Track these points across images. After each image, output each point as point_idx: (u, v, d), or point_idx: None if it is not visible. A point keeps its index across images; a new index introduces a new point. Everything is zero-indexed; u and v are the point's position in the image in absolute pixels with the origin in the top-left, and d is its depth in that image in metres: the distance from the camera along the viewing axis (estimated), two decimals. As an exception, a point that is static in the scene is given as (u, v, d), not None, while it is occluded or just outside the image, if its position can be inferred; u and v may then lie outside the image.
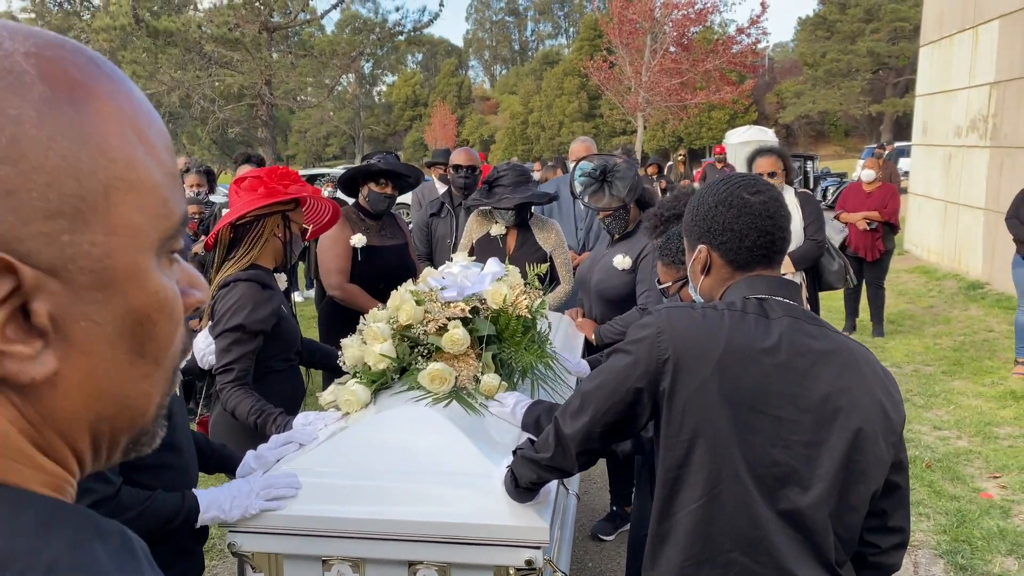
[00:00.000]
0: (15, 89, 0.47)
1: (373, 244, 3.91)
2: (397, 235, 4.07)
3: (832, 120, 48.57)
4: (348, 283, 3.87)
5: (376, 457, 2.00)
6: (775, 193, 1.58)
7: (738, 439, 1.43)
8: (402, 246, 4.07)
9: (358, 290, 3.86)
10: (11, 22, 0.51)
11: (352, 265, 3.87)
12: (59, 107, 0.49)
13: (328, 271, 3.87)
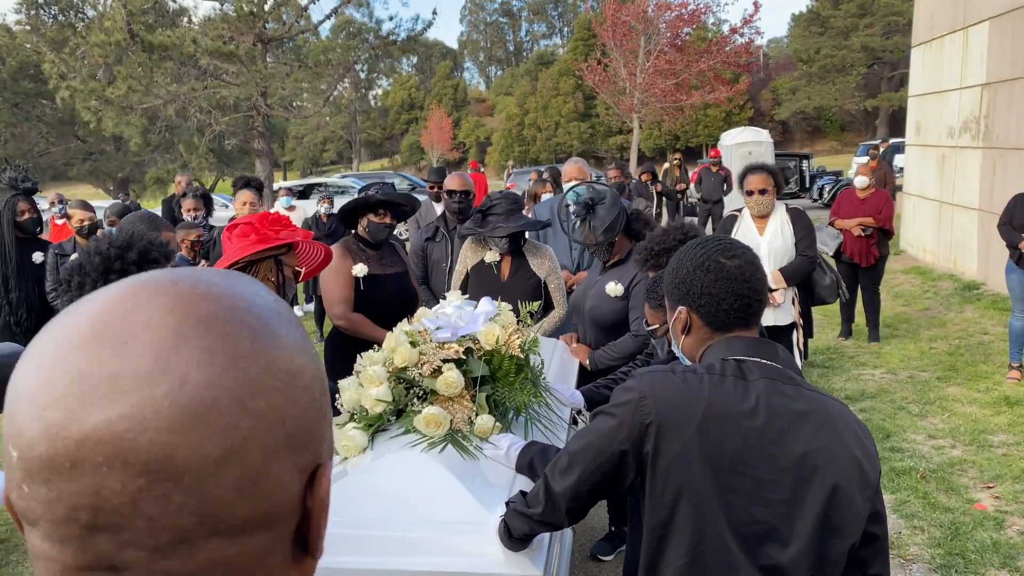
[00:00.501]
0: (288, 323, 0.58)
1: (375, 273, 3.96)
2: (397, 263, 4.13)
3: (828, 115, 48.63)
4: (352, 312, 3.92)
5: (374, 506, 2.05)
6: (751, 257, 1.64)
7: (719, 499, 1.49)
8: (403, 274, 4.12)
9: (363, 319, 3.92)
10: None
11: (356, 295, 3.93)
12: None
13: (332, 302, 3.92)
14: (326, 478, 0.58)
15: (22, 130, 29.55)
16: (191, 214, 6.08)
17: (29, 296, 5.12)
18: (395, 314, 4.02)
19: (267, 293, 0.58)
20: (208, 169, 33.12)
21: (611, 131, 51.49)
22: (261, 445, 0.52)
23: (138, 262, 1.85)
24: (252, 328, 0.54)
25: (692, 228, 2.86)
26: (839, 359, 7.28)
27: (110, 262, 1.83)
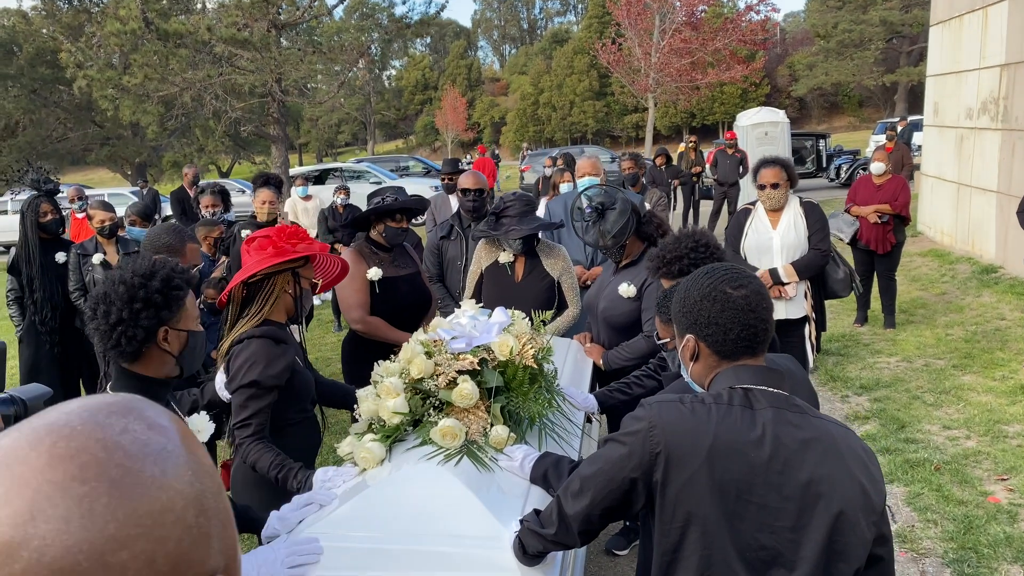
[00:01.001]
0: (174, 460, 0.63)
1: (389, 276, 4.01)
2: (409, 264, 4.18)
3: (845, 91, 48.09)
4: (369, 316, 3.98)
5: (391, 521, 2.11)
6: (757, 286, 1.67)
7: (727, 526, 1.54)
8: (415, 274, 4.18)
9: (380, 322, 3.98)
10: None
11: (371, 298, 3.98)
12: (188, 455, 0.66)
13: (349, 307, 3.98)
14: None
15: (40, 116, 29.76)
16: (209, 210, 6.15)
17: (53, 296, 5.22)
18: (411, 314, 4.09)
19: (139, 424, 0.61)
20: (224, 153, 33.31)
21: (626, 110, 51.21)
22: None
23: (161, 290, 1.92)
24: (111, 480, 0.57)
25: (704, 236, 2.88)
26: (854, 346, 7.29)
27: (134, 291, 1.89)
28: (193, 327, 2.04)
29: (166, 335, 1.96)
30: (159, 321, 1.93)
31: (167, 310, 1.94)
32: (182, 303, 1.99)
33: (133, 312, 1.89)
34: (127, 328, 1.90)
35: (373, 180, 22.19)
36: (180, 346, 2.00)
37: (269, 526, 2.23)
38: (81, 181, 33.72)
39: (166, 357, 1.98)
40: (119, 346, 1.91)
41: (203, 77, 16.53)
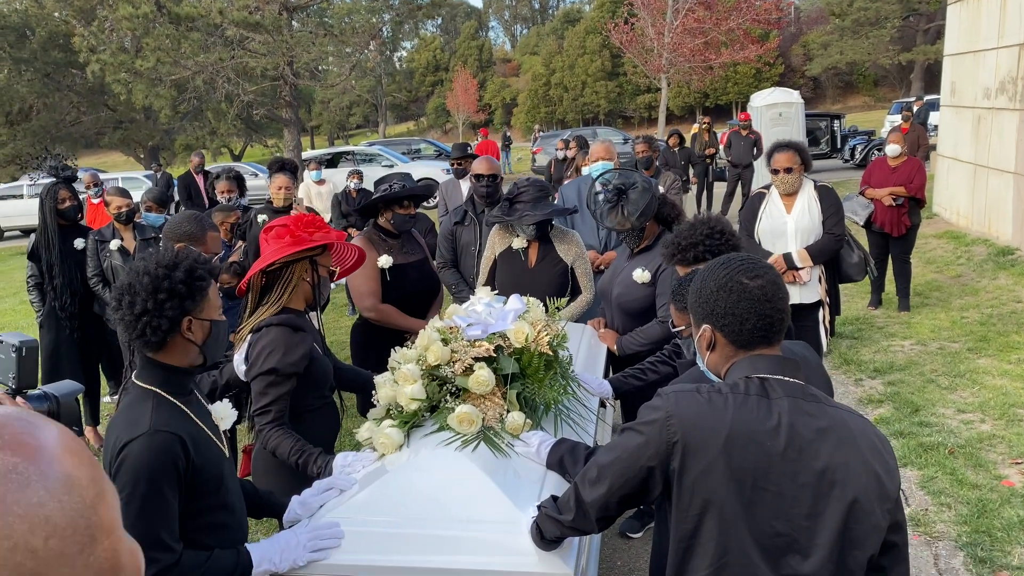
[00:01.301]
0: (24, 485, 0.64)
1: (399, 263, 4.04)
2: (417, 250, 4.21)
3: (861, 71, 47.57)
4: (382, 304, 4.01)
5: (411, 505, 2.15)
6: (773, 276, 1.68)
7: (743, 513, 1.56)
8: (423, 260, 4.21)
9: (393, 310, 4.01)
10: None
11: (383, 286, 4.01)
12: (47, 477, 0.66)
13: (360, 295, 4.01)
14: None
15: (53, 100, 29.85)
16: (225, 196, 6.18)
17: (72, 282, 5.28)
18: (419, 301, 4.12)
19: (17, 444, 0.63)
20: (236, 136, 33.36)
21: (639, 90, 50.89)
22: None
23: (185, 281, 1.95)
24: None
25: (719, 222, 2.89)
26: (868, 329, 7.27)
27: (159, 282, 1.93)
28: (216, 316, 2.06)
29: (190, 325, 1.99)
30: (183, 311, 1.96)
31: (191, 300, 1.97)
32: (205, 293, 2.01)
33: (157, 303, 1.92)
34: (152, 318, 1.92)
35: (385, 163, 22.20)
36: (204, 335, 2.03)
37: (291, 511, 2.27)
38: (94, 165, 33.87)
39: (190, 347, 2.01)
40: (144, 336, 1.94)
41: (215, 60, 16.55)
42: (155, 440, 1.88)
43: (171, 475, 1.89)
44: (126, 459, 1.88)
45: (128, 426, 1.92)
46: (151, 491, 1.86)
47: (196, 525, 1.97)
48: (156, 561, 1.84)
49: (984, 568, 3.66)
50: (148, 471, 1.86)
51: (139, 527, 1.85)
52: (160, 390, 1.99)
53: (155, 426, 1.90)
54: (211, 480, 2.01)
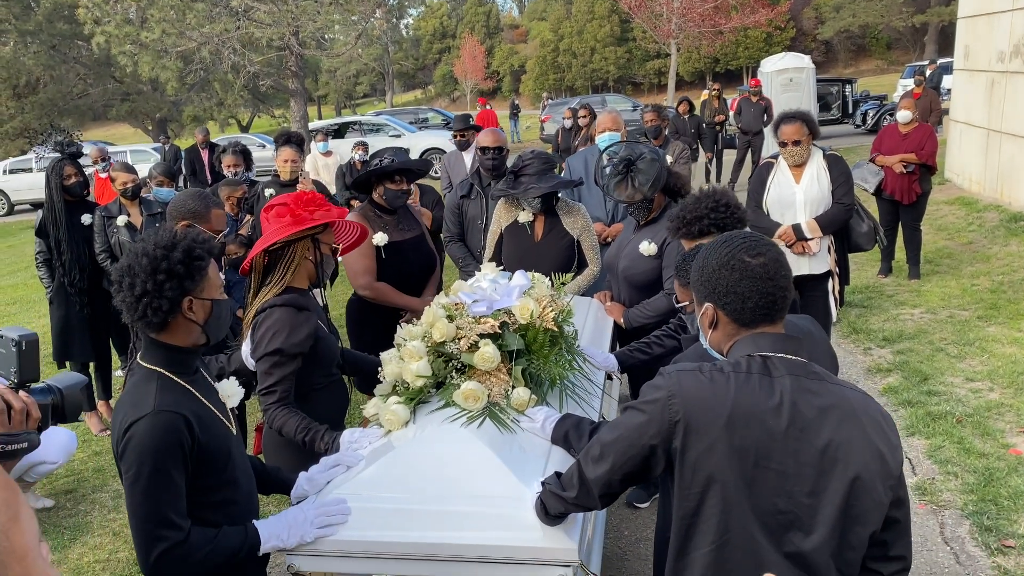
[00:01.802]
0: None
1: (395, 240, 4.01)
2: (413, 226, 4.18)
3: (873, 33, 46.87)
4: (377, 282, 3.99)
5: (417, 482, 2.17)
6: (775, 254, 1.67)
7: (745, 491, 1.57)
8: (419, 237, 4.18)
9: (388, 288, 3.99)
10: None
11: (378, 264, 3.98)
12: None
13: (355, 273, 3.98)
14: None
15: (60, 72, 29.74)
16: (231, 170, 6.17)
17: (80, 257, 5.30)
18: (417, 278, 4.11)
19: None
20: (244, 107, 33.21)
21: (648, 56, 50.36)
22: None
23: (183, 261, 1.95)
24: None
25: (724, 195, 2.87)
26: (878, 298, 7.25)
27: (157, 262, 1.93)
28: (217, 295, 2.06)
29: (191, 305, 1.99)
30: (183, 291, 1.96)
31: (190, 280, 1.97)
32: (204, 272, 2.01)
33: (157, 283, 1.93)
34: (152, 299, 1.93)
35: (392, 133, 22.10)
36: (205, 315, 2.03)
37: (298, 487, 2.30)
38: (102, 137, 33.88)
39: (192, 326, 2.02)
40: (145, 317, 1.95)
41: (220, 31, 16.43)
42: (159, 420, 1.90)
43: (176, 454, 1.91)
44: (131, 440, 1.90)
45: (133, 407, 1.94)
46: (156, 471, 1.88)
47: (203, 502, 2.00)
48: (164, 539, 1.87)
49: (990, 536, 3.67)
50: (153, 451, 1.88)
51: (146, 506, 1.88)
52: (164, 370, 2.01)
53: (159, 406, 1.92)
54: (218, 458, 2.03)
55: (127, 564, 3.97)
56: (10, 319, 9.55)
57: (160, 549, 1.88)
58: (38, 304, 9.75)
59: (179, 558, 1.90)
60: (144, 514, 1.89)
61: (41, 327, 8.38)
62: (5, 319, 9.59)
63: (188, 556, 1.91)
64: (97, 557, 4.09)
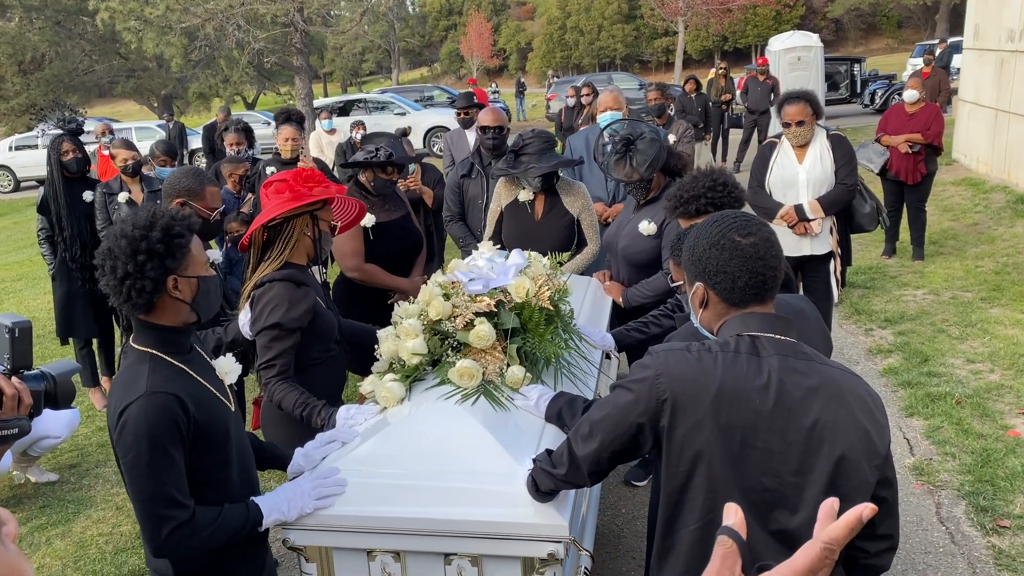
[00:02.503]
0: None
1: (381, 220, 4.01)
2: (399, 206, 4.17)
3: (884, 11, 46.36)
4: (366, 263, 3.98)
5: (411, 458, 2.18)
6: (766, 233, 1.67)
7: (731, 469, 1.58)
8: (405, 216, 4.17)
9: (376, 269, 3.99)
10: None
11: (365, 244, 3.98)
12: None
13: (344, 254, 3.97)
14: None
15: (66, 48, 29.63)
16: (234, 148, 6.17)
17: (82, 233, 5.31)
18: (404, 257, 4.12)
19: None
20: (249, 84, 33.09)
21: (656, 33, 49.92)
22: None
23: (163, 240, 1.92)
24: None
25: (721, 175, 2.86)
26: (881, 279, 7.23)
27: (136, 243, 1.91)
28: (203, 272, 2.04)
29: (176, 284, 1.97)
30: (165, 270, 1.94)
31: (171, 258, 1.94)
32: (186, 250, 1.98)
33: (138, 264, 1.90)
34: (135, 281, 1.91)
35: (397, 111, 22.02)
36: (192, 293, 2.01)
37: (294, 463, 2.32)
38: (108, 114, 33.80)
39: (180, 305, 2.00)
40: (131, 299, 1.93)
41: (225, 7, 16.36)
42: (152, 401, 1.89)
43: (173, 434, 1.91)
44: (126, 423, 1.89)
45: (125, 390, 1.94)
46: (155, 451, 1.88)
47: (203, 481, 2.01)
48: (171, 519, 1.89)
49: (985, 517, 3.69)
50: (148, 432, 1.88)
51: (148, 488, 1.89)
52: (157, 351, 2.00)
53: (151, 387, 1.91)
54: (215, 437, 2.03)
55: (129, 537, 4.02)
56: (15, 295, 9.60)
57: (168, 528, 1.89)
58: (43, 281, 9.78)
59: (186, 536, 1.92)
60: (148, 496, 1.89)
61: (45, 304, 8.43)
62: (10, 295, 9.64)
63: (195, 534, 1.93)
64: (100, 531, 4.14)
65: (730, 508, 0.85)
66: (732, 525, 0.83)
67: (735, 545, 0.81)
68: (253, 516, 2.05)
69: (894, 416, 4.69)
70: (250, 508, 2.06)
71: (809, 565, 0.78)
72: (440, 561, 2.12)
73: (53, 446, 4.47)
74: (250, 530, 2.05)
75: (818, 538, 0.79)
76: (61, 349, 6.36)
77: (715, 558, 0.81)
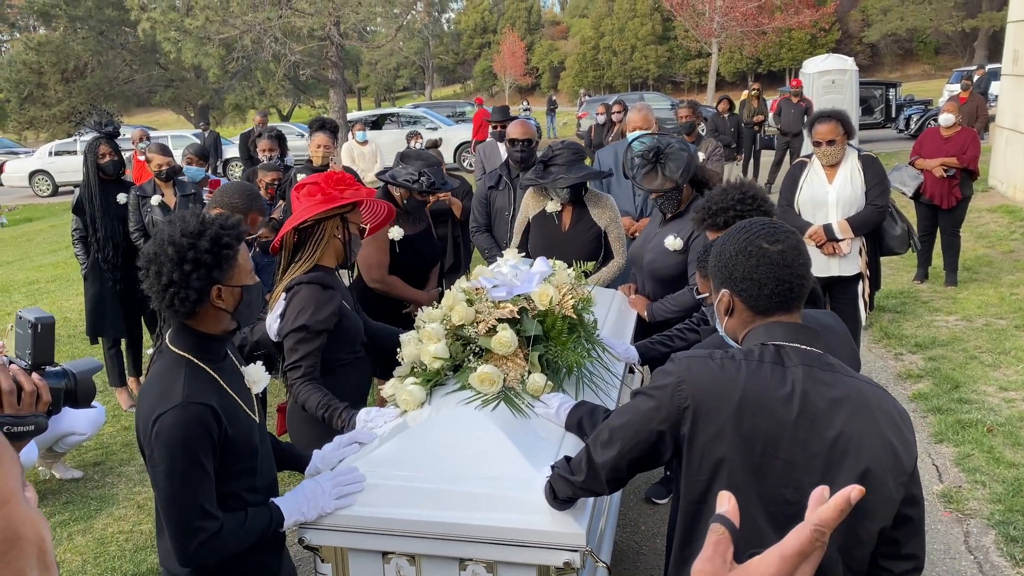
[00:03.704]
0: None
1: (408, 234, 4.04)
2: (421, 219, 4.22)
3: (921, 37, 45.97)
4: (389, 275, 4.01)
5: (430, 461, 2.17)
6: (794, 241, 1.65)
7: (752, 479, 1.55)
8: (426, 230, 4.23)
9: (399, 281, 4.02)
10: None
11: (391, 257, 4.01)
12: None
13: (369, 266, 3.99)
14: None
15: (107, 58, 30.31)
16: (267, 154, 6.25)
17: (115, 235, 5.39)
18: (423, 270, 4.18)
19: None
20: (285, 96, 33.56)
21: (690, 55, 49.91)
22: None
23: (211, 250, 1.90)
24: None
25: (751, 187, 2.83)
26: (912, 303, 7.12)
27: (184, 252, 1.89)
28: (247, 281, 2.01)
29: (220, 293, 1.95)
30: (211, 281, 1.92)
31: (218, 269, 1.92)
32: (234, 260, 1.95)
33: (184, 274, 1.88)
34: (179, 290, 1.89)
35: (429, 125, 22.18)
36: (235, 302, 1.99)
37: (312, 466, 2.32)
38: (146, 123, 34.41)
39: (221, 314, 1.98)
40: (173, 306, 1.91)
41: (262, 20, 16.62)
42: (188, 412, 1.87)
43: (206, 445, 1.89)
44: (161, 432, 1.87)
45: (161, 397, 1.91)
46: (189, 463, 1.87)
47: (228, 491, 2.00)
48: (203, 530, 1.88)
49: (1016, 547, 3.60)
50: (184, 443, 1.86)
51: (181, 499, 1.87)
52: (193, 356, 1.97)
53: (188, 398, 1.88)
54: (242, 449, 2.01)
55: (150, 536, 4.04)
56: (49, 296, 9.76)
57: (199, 540, 1.88)
58: (76, 282, 9.93)
59: (216, 548, 1.91)
60: (180, 507, 1.88)
61: (78, 304, 8.54)
62: (45, 295, 9.80)
63: (224, 545, 1.92)
64: (121, 528, 4.17)
65: (723, 496, 0.84)
66: (725, 513, 0.82)
67: (727, 532, 0.80)
68: (276, 518, 2.05)
69: (923, 442, 4.60)
70: (272, 511, 2.05)
71: (799, 548, 0.77)
72: (455, 566, 2.10)
73: (78, 443, 4.52)
74: (273, 532, 2.05)
75: (808, 520, 0.79)
76: (91, 348, 6.44)
77: (707, 544, 0.80)
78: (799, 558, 0.77)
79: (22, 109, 30.41)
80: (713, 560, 0.79)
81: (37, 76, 29.51)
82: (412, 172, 4.01)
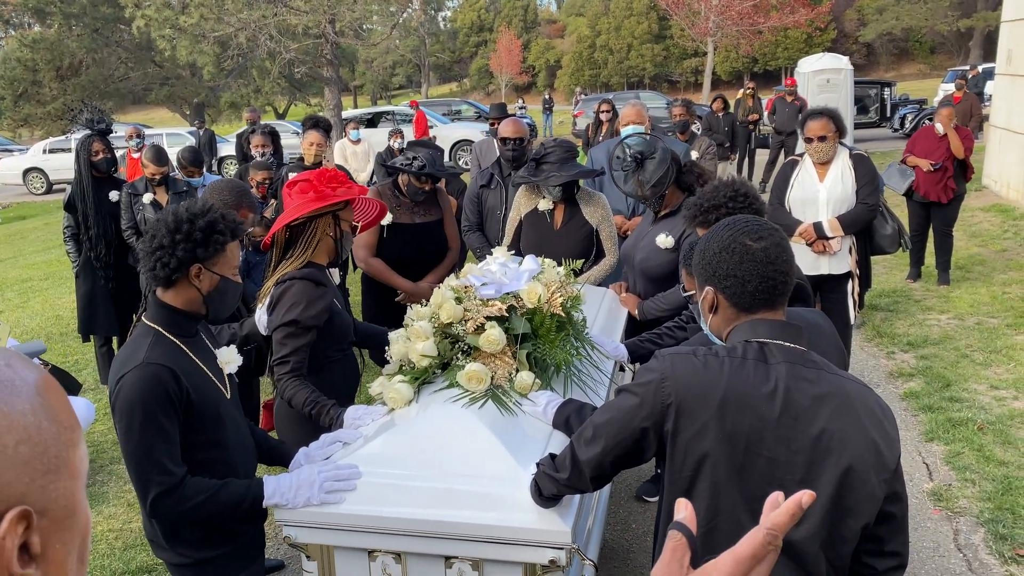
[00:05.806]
0: (15, 393, 0.67)
1: (402, 222, 4.15)
2: (431, 213, 4.29)
3: (917, 37, 46.06)
4: (372, 258, 4.17)
5: (417, 459, 2.17)
6: (777, 238, 1.65)
7: (735, 477, 1.55)
8: (433, 224, 4.28)
9: (381, 265, 4.19)
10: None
11: (379, 241, 4.16)
12: (37, 397, 0.68)
13: (357, 246, 4.16)
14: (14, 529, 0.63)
15: (102, 55, 30.20)
16: (259, 151, 6.23)
17: (107, 232, 5.38)
18: (417, 262, 4.26)
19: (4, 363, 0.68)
20: (280, 94, 33.50)
21: (685, 54, 49.99)
22: None
23: (204, 229, 2.06)
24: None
25: (743, 185, 2.83)
26: (904, 302, 7.13)
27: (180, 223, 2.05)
28: (229, 274, 2.14)
29: (199, 272, 2.08)
30: (194, 257, 2.06)
31: (203, 248, 2.06)
32: (222, 248, 2.10)
33: (173, 241, 2.03)
34: (164, 255, 2.04)
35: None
36: (210, 287, 2.12)
37: (295, 462, 2.32)
38: (141, 120, 34.37)
39: (194, 293, 2.11)
40: (154, 269, 2.06)
41: (258, 17, 16.59)
42: (146, 371, 2.00)
43: (164, 402, 2.00)
44: (121, 390, 2.00)
45: (125, 360, 2.05)
46: (147, 418, 1.98)
47: (193, 459, 2.09)
48: (157, 483, 1.98)
49: (1004, 545, 3.61)
50: (141, 400, 1.98)
51: (139, 453, 1.98)
52: (162, 328, 2.10)
53: (147, 359, 2.02)
54: (206, 416, 2.11)
55: (140, 535, 4.04)
56: (41, 294, 9.73)
57: (155, 492, 1.99)
58: (69, 280, 9.88)
59: (174, 501, 2.00)
60: (138, 460, 1.99)
61: (70, 303, 8.52)
62: (37, 293, 9.78)
63: (183, 500, 2.01)
64: (111, 526, 4.16)
65: (680, 503, 0.86)
66: (683, 520, 0.84)
67: (684, 539, 0.82)
68: (254, 491, 2.11)
69: (913, 440, 4.61)
70: (253, 484, 2.12)
71: (752, 552, 0.78)
72: (441, 564, 2.11)
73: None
74: (250, 505, 2.08)
75: (762, 524, 0.80)
76: (83, 346, 6.43)
77: (665, 551, 0.82)
78: (752, 561, 0.78)
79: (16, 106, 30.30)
80: (670, 566, 0.81)
81: (32, 73, 29.41)
82: (409, 157, 4.11)
